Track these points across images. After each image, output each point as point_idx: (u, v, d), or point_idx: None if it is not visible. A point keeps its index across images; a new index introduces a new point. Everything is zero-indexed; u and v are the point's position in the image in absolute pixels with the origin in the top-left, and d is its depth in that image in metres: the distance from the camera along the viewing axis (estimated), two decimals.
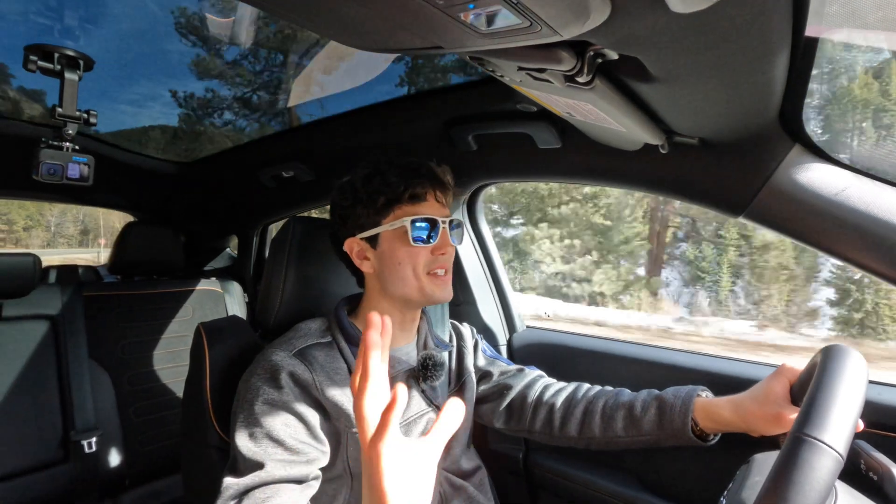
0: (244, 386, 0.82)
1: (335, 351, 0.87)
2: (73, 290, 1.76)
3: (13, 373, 1.55)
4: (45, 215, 24.54)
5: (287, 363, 0.81)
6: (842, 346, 0.63)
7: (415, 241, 0.85)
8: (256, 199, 2.05)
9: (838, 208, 0.81)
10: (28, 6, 1.32)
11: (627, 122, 0.80)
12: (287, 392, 0.79)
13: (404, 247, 0.86)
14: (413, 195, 0.87)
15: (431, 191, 0.89)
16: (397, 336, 0.93)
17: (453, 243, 0.91)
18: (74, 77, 1.17)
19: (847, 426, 0.53)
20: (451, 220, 0.91)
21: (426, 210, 0.88)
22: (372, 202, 0.87)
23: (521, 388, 1.05)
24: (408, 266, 0.87)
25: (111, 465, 1.68)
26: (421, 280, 0.87)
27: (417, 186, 0.87)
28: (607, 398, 0.96)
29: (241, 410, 0.79)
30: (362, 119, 1.40)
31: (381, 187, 0.86)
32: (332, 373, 0.84)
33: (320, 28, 0.60)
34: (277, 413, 0.77)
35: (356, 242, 0.90)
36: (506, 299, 1.55)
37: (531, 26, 0.47)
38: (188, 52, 1.68)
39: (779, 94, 0.72)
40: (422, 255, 0.87)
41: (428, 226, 0.87)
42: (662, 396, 0.91)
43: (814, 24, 0.61)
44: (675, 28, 0.50)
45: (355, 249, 0.90)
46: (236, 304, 2.18)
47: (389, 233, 0.87)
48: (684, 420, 0.86)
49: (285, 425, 0.77)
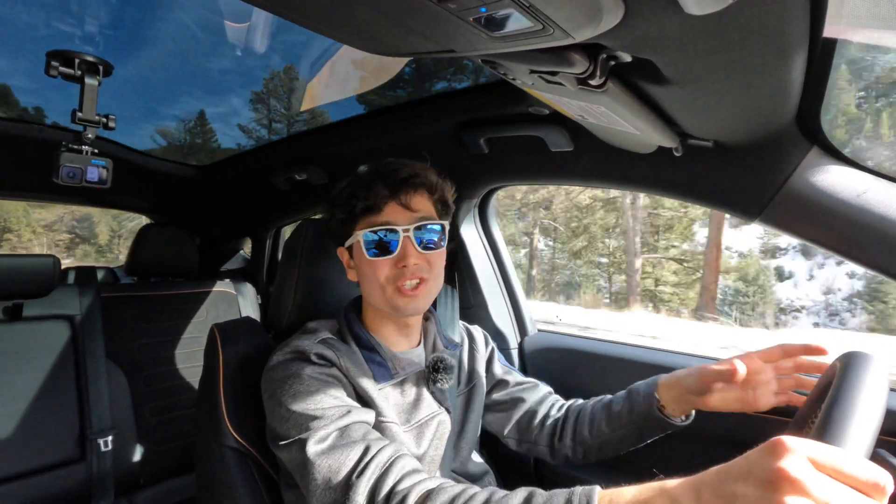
0: (272, 373, 0.81)
1: (351, 349, 0.88)
2: (92, 290, 1.79)
3: (33, 371, 1.58)
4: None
5: (314, 347, 0.82)
6: (862, 353, 0.61)
7: (370, 254, 0.84)
8: (270, 201, 2.07)
9: (858, 212, 0.80)
10: (51, 15, 1.35)
11: (641, 125, 0.79)
12: (321, 367, 0.80)
13: (366, 259, 0.85)
14: (366, 207, 0.85)
15: (392, 197, 0.85)
16: (400, 340, 0.93)
17: (425, 250, 0.85)
18: (94, 82, 1.19)
19: (864, 446, 0.50)
20: (423, 224, 0.85)
21: (383, 219, 0.84)
22: (345, 212, 0.88)
23: (533, 402, 1.05)
24: (372, 278, 0.85)
25: (126, 464, 1.71)
26: (385, 292, 0.85)
27: (370, 198, 0.84)
28: (595, 402, 0.99)
29: (279, 390, 0.78)
30: (374, 122, 1.40)
31: (347, 199, 0.87)
32: (354, 363, 0.85)
33: (334, 33, 0.61)
34: (324, 380, 0.78)
35: (342, 251, 0.93)
36: (517, 303, 1.54)
37: (543, 29, 0.47)
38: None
39: (796, 96, 0.71)
40: (383, 267, 0.84)
41: (383, 236, 0.84)
42: (633, 385, 0.95)
43: (832, 24, 0.60)
44: (689, 30, 0.50)
45: (344, 258, 0.93)
46: (249, 305, 2.20)
47: (357, 244, 0.87)
48: (650, 401, 0.88)
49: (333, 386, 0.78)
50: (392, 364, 0.89)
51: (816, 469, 0.40)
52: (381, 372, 0.87)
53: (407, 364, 0.92)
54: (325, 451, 0.70)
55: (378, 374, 0.86)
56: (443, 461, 0.91)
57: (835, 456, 0.40)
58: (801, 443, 0.41)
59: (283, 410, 0.75)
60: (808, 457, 0.40)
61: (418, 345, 0.97)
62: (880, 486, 0.39)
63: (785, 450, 0.41)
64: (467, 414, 1.00)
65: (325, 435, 0.72)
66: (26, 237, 21.65)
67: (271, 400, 0.79)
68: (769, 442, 0.42)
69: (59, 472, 1.56)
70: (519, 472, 1.36)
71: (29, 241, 21.61)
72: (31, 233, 21.89)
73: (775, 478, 0.39)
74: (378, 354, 0.88)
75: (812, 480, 0.38)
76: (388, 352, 0.90)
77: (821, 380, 0.75)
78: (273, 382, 0.80)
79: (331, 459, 0.69)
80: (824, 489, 0.38)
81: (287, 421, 0.75)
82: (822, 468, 0.40)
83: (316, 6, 0.52)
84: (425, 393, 0.91)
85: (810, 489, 0.38)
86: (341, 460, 0.69)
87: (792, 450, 0.40)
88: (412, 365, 0.92)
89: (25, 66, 1.58)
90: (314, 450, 0.70)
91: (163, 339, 1.93)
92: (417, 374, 0.92)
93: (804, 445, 0.40)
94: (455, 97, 1.21)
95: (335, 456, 0.70)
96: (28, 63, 1.57)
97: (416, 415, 0.89)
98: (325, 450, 0.70)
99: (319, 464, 0.69)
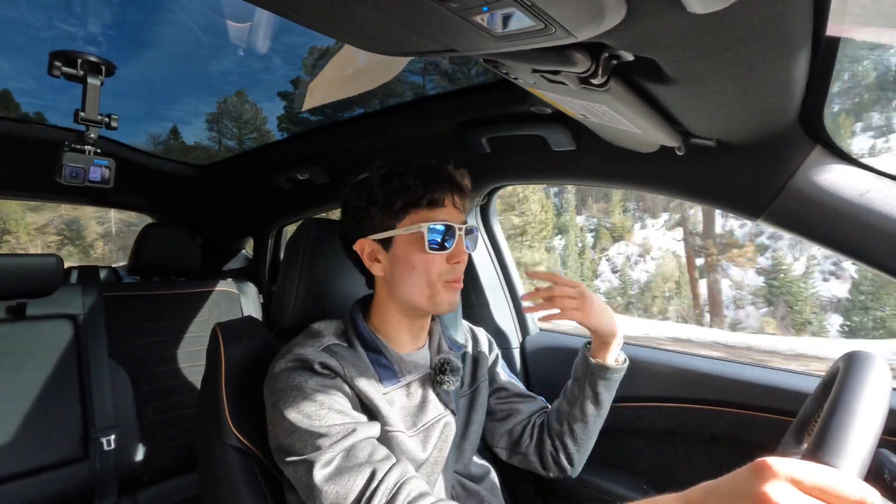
0: (275, 382, 0.80)
1: (356, 352, 0.87)
2: (95, 290, 1.80)
3: (36, 371, 1.59)
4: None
5: (317, 356, 0.81)
6: (864, 353, 0.61)
7: (430, 247, 0.83)
8: (272, 201, 2.07)
9: (861, 211, 0.80)
10: (53, 15, 1.36)
11: (643, 124, 0.79)
12: (324, 378, 0.79)
13: (419, 253, 0.84)
14: (431, 200, 0.84)
15: (450, 196, 0.87)
16: (408, 341, 0.93)
17: (467, 250, 0.89)
18: (96, 82, 1.20)
19: (864, 453, 0.49)
20: (472, 227, 0.90)
21: (443, 216, 0.85)
22: (388, 204, 0.85)
23: (526, 414, 1.06)
24: (422, 273, 0.85)
25: (129, 463, 1.71)
26: (434, 288, 0.85)
27: (436, 191, 0.84)
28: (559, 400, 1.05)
29: (281, 401, 0.77)
30: (376, 122, 1.40)
31: (399, 189, 0.84)
32: (359, 369, 0.83)
33: (335, 32, 0.61)
34: (328, 392, 0.77)
35: (368, 243, 0.88)
36: (519, 302, 1.54)
37: (545, 28, 0.47)
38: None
39: (799, 95, 0.71)
40: (437, 262, 0.85)
41: (444, 232, 0.85)
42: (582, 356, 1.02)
43: (835, 23, 0.59)
44: (692, 29, 0.50)
45: (367, 250, 0.88)
46: (251, 304, 2.21)
47: (404, 237, 0.85)
48: (583, 355, 0.99)
49: (337, 400, 0.78)
50: (398, 366, 0.88)
51: (801, 491, 0.39)
52: (386, 374, 0.86)
53: (413, 366, 0.91)
54: (332, 475, 0.70)
55: (384, 377, 0.85)
56: (447, 464, 0.91)
57: (819, 476, 0.40)
58: (785, 465, 0.40)
59: (287, 423, 0.75)
60: (792, 479, 0.40)
61: (423, 346, 0.96)
62: (867, 503, 0.39)
63: (769, 473, 0.40)
64: (471, 415, 1.00)
65: (330, 458, 0.71)
66: (24, 239, 22.06)
67: (274, 410, 0.78)
68: (755, 463, 0.42)
69: (63, 470, 1.56)
70: (521, 474, 1.36)
71: (28, 242, 21.97)
72: (27, 234, 22.32)
73: (758, 501, 0.40)
74: (384, 357, 0.88)
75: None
76: (394, 354, 0.89)
77: (823, 378, 0.74)
78: (276, 392, 0.79)
79: (338, 486, 0.69)
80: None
81: (291, 434, 0.75)
82: (808, 490, 0.40)
83: (317, 6, 0.52)
84: (431, 395, 0.91)
85: None
86: (348, 486, 0.69)
87: (777, 473, 0.40)
88: (418, 367, 0.92)
89: (27, 68, 1.58)
90: (320, 475, 0.70)
91: (165, 339, 1.93)
92: (423, 376, 0.92)
93: (788, 467, 0.40)
94: (457, 96, 1.21)
95: (342, 482, 0.69)
96: (30, 65, 1.57)
97: (423, 417, 0.88)
98: (331, 474, 0.70)
99: (326, 490, 0.69)
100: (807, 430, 0.74)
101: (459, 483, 0.96)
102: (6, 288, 1.57)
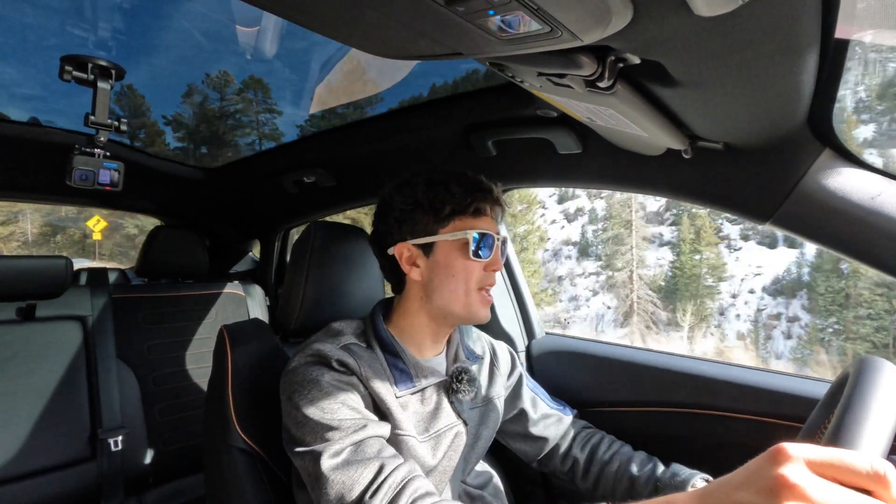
0: (292, 375, 0.80)
1: (373, 353, 0.87)
2: (103, 292, 1.82)
3: (45, 371, 1.60)
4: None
5: (335, 353, 0.81)
6: (875, 359, 0.60)
7: (475, 255, 0.85)
8: (278, 204, 2.08)
9: (871, 214, 0.79)
10: (65, 20, 1.37)
11: (650, 127, 0.79)
12: (340, 374, 0.80)
13: (462, 259, 0.85)
14: (477, 209, 0.87)
15: (491, 207, 0.89)
16: (429, 348, 0.92)
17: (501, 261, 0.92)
18: (106, 86, 1.21)
19: (882, 441, 0.49)
20: (503, 237, 0.92)
21: (485, 225, 0.88)
22: (434, 210, 0.86)
23: (555, 438, 1.10)
24: (461, 279, 0.86)
25: (136, 464, 1.72)
26: (470, 296, 0.86)
27: (482, 201, 0.87)
28: (620, 462, 1.03)
29: (297, 394, 0.77)
30: (382, 125, 1.41)
31: (446, 196, 0.85)
32: (375, 371, 0.83)
33: (341, 36, 0.61)
34: (342, 388, 0.78)
35: (407, 247, 0.88)
36: (525, 306, 1.53)
37: (552, 32, 0.47)
38: None
39: (807, 98, 0.70)
40: (476, 270, 0.87)
41: (486, 240, 0.87)
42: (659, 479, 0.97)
43: (844, 24, 0.59)
44: (699, 31, 0.50)
45: (405, 255, 0.88)
46: (258, 307, 2.22)
47: (447, 243, 0.86)
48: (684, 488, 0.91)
49: (351, 397, 0.78)
50: (414, 371, 0.88)
51: (815, 472, 0.39)
52: (402, 378, 0.86)
53: (429, 372, 0.90)
54: (339, 466, 0.70)
55: (399, 380, 0.85)
56: (454, 473, 0.91)
57: (831, 456, 0.40)
58: (800, 448, 0.40)
59: (300, 415, 0.76)
60: (806, 460, 0.40)
61: (441, 353, 0.96)
62: (880, 475, 0.38)
63: (785, 456, 0.40)
64: (480, 429, 0.98)
65: (339, 449, 0.72)
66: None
67: (289, 402, 0.79)
68: (770, 449, 0.42)
69: (70, 470, 1.57)
70: (524, 475, 1.35)
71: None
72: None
73: (775, 485, 0.39)
74: (401, 360, 0.87)
75: (811, 485, 0.38)
76: (411, 358, 0.89)
77: (832, 385, 0.73)
78: (292, 385, 0.80)
79: (345, 476, 0.70)
80: (824, 492, 0.38)
81: (303, 426, 0.75)
82: (821, 470, 0.39)
83: (324, 10, 0.52)
84: (445, 403, 0.90)
85: (809, 493, 0.38)
86: (355, 478, 0.69)
87: (792, 456, 0.40)
88: (434, 373, 0.91)
89: (35, 74, 1.60)
90: (328, 464, 0.70)
91: (172, 340, 1.95)
92: (438, 383, 0.91)
93: (803, 450, 0.40)
94: (463, 99, 1.21)
95: (349, 472, 0.70)
96: (38, 71, 1.59)
97: (435, 424, 0.88)
98: (339, 465, 0.70)
99: (333, 479, 0.70)
100: (816, 435, 0.73)
101: (465, 492, 0.96)
102: (16, 289, 1.58)
